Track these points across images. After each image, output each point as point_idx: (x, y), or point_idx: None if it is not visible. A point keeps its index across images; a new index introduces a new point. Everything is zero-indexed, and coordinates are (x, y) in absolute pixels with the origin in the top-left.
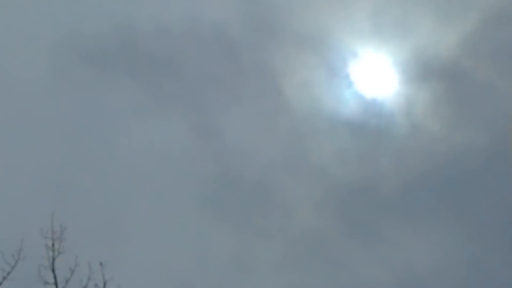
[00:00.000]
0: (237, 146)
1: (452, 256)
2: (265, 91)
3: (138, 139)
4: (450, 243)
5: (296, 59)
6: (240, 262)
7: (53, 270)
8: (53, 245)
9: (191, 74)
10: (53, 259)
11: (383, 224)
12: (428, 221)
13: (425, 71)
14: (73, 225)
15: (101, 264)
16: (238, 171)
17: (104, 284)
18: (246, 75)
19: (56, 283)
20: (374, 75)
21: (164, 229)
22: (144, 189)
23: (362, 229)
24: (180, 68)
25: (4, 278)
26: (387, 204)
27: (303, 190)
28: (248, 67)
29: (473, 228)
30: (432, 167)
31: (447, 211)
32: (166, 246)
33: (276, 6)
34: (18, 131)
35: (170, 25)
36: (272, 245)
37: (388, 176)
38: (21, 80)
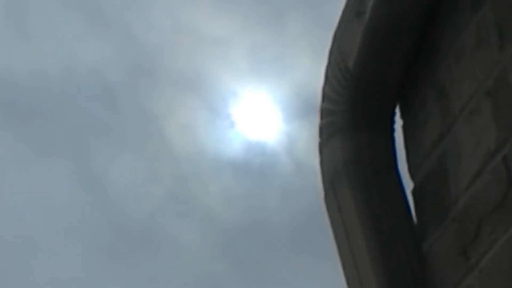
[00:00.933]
0: (122, 192)
1: None
2: (146, 134)
3: (18, 191)
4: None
5: (176, 101)
6: None
7: None
8: None
9: (70, 119)
10: None
11: (273, 264)
12: (318, 257)
13: (305, 107)
14: None
15: None
16: (124, 217)
17: None
18: (126, 119)
19: None
20: (255, 113)
21: (53, 279)
22: (29, 241)
23: (253, 271)
24: (58, 114)
25: None
26: (277, 243)
27: (191, 233)
28: (127, 111)
29: None
30: (320, 204)
31: (335, 250)
32: None
33: (150, 47)
34: None
35: (44, 67)
36: None
37: (275, 215)
38: None
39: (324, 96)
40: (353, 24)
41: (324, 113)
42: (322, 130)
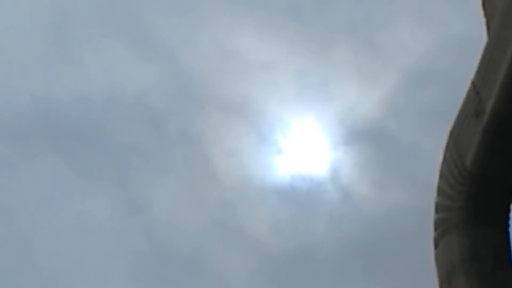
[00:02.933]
0: (167, 217)
1: None
2: (192, 160)
3: (64, 215)
4: None
5: (221, 126)
6: None
7: None
8: None
9: (115, 145)
10: None
11: None
12: (362, 286)
13: (350, 134)
14: None
15: None
16: (169, 243)
17: None
18: (171, 144)
19: None
20: (301, 140)
21: None
22: (74, 267)
23: None
24: (103, 139)
25: None
26: (322, 271)
27: (236, 260)
28: (172, 136)
29: None
30: (365, 231)
31: (382, 275)
32: None
33: (196, 73)
34: None
35: (90, 94)
36: None
37: (321, 242)
38: None
39: (439, 191)
40: (471, 123)
41: (439, 207)
42: (437, 224)
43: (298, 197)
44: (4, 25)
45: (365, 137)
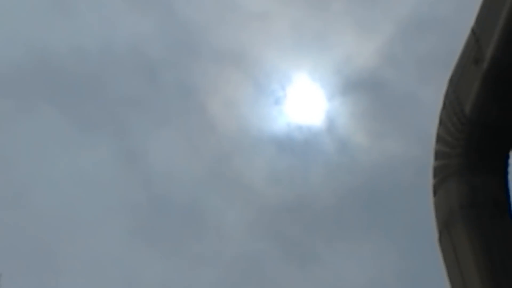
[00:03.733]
0: (164, 169)
1: (387, 271)
2: (188, 111)
3: (62, 167)
4: (384, 258)
5: (219, 77)
6: None
7: None
8: None
9: (111, 96)
10: None
11: (316, 244)
12: (361, 236)
13: (347, 84)
14: None
15: None
16: (166, 196)
17: None
18: (168, 95)
19: None
20: (298, 91)
21: (94, 259)
22: (72, 218)
23: (296, 250)
24: (99, 90)
25: None
26: (320, 222)
27: (234, 211)
28: (169, 86)
29: (406, 241)
30: (362, 181)
31: (380, 225)
32: (96, 276)
33: (192, 22)
34: None
35: (85, 45)
36: (206, 270)
37: (319, 192)
38: None
39: (439, 138)
40: (471, 70)
41: (438, 154)
42: (436, 171)
43: (296, 148)
44: None
45: (362, 87)
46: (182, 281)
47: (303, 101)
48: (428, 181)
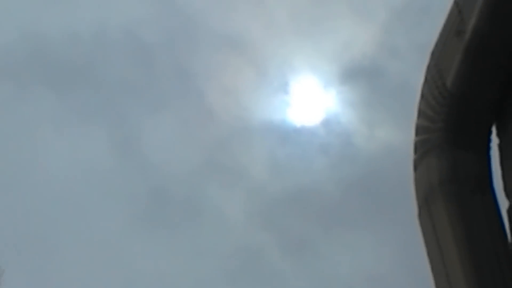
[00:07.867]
0: (160, 156)
1: (390, 264)
2: (186, 97)
3: (59, 153)
4: (385, 249)
5: (217, 62)
6: (171, 280)
7: None
8: None
9: (106, 82)
10: None
11: (316, 236)
12: (362, 227)
13: (346, 72)
14: None
15: None
16: (164, 184)
17: None
18: (164, 81)
19: None
20: (298, 79)
21: (91, 249)
22: (69, 206)
23: (295, 242)
24: (95, 76)
25: None
26: (321, 212)
27: (234, 201)
28: (166, 72)
29: (410, 234)
30: (363, 170)
31: (381, 215)
32: (94, 265)
33: (189, 5)
34: None
35: (79, 29)
36: (205, 261)
37: (319, 182)
38: None
39: (420, 113)
40: (453, 42)
41: (419, 129)
42: (417, 146)
43: (296, 137)
44: None
45: (361, 75)
46: (181, 272)
47: (303, 89)
48: None
